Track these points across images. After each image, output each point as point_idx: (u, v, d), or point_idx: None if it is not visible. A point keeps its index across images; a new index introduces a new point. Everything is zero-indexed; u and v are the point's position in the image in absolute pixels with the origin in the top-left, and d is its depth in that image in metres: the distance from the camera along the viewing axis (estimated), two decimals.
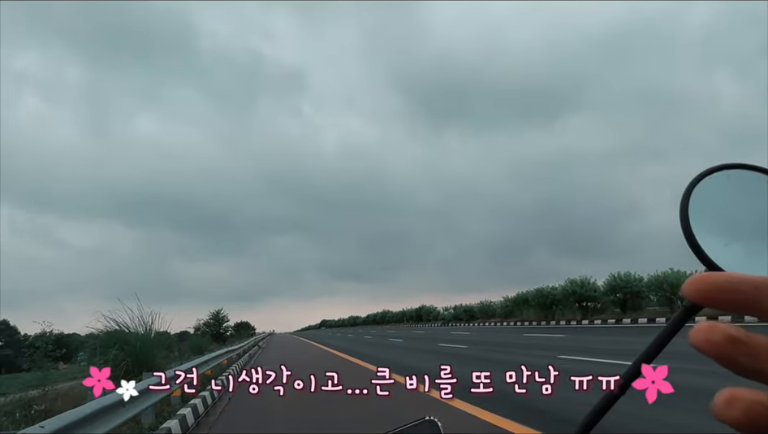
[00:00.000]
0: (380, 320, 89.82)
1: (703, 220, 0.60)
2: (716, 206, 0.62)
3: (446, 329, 40.70)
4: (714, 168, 0.65)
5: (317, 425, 6.76)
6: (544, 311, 33.74)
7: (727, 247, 0.58)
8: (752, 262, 0.58)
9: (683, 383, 7.04)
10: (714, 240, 0.59)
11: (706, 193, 0.62)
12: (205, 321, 47.69)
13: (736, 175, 0.64)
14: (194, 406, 7.92)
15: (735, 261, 0.58)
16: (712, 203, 0.62)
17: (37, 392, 9.13)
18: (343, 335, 50.70)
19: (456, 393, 7.58)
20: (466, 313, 51.29)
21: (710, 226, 0.60)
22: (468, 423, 5.94)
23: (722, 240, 0.59)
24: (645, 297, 27.95)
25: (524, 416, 5.96)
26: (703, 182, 0.63)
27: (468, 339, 23.05)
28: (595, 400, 0.62)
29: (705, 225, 0.60)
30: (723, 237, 0.59)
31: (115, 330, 12.81)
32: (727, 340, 0.32)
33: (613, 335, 17.95)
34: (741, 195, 0.63)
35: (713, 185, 0.63)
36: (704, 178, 0.64)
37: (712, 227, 0.60)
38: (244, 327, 67.35)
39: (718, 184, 0.63)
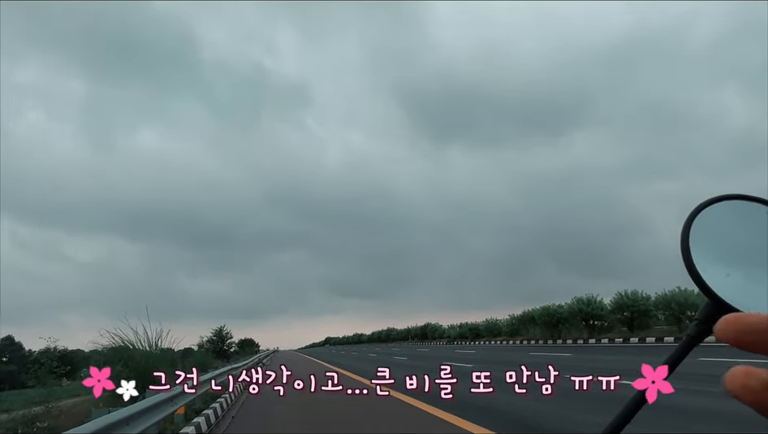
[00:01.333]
0: (385, 338, 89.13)
1: (704, 250, 0.60)
2: (717, 237, 0.63)
3: (452, 347, 40.33)
4: (715, 199, 0.65)
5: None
6: (550, 330, 33.41)
7: (728, 278, 0.59)
8: (753, 294, 0.58)
9: (691, 405, 6.94)
10: (715, 270, 0.59)
11: (707, 224, 0.63)
12: (209, 338, 47.53)
13: (737, 206, 0.65)
14: (197, 425, 7.86)
15: (736, 292, 0.58)
16: (713, 234, 0.62)
17: (41, 408, 9.10)
18: (347, 353, 50.35)
19: (470, 417, 7.42)
20: (471, 331, 50.83)
21: (711, 256, 0.60)
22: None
23: (723, 270, 0.59)
24: (653, 316, 27.62)
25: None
26: (704, 212, 0.64)
27: (473, 357, 22.83)
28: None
29: (707, 255, 0.60)
30: (725, 268, 0.59)
31: (120, 346, 12.80)
32: (766, 387, 0.31)
33: (620, 354, 17.74)
34: (742, 226, 0.63)
35: (713, 216, 0.64)
36: (704, 208, 0.64)
37: (713, 258, 0.60)
38: (248, 344, 66.97)
39: (719, 214, 0.64)
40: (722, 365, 6.44)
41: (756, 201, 0.65)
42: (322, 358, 40.71)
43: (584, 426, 6.22)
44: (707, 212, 0.65)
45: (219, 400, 11.15)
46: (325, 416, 9.34)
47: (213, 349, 44.13)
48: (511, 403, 8.33)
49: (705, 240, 0.62)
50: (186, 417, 8.52)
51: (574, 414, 7.11)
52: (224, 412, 10.40)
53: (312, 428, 8.02)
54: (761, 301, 0.59)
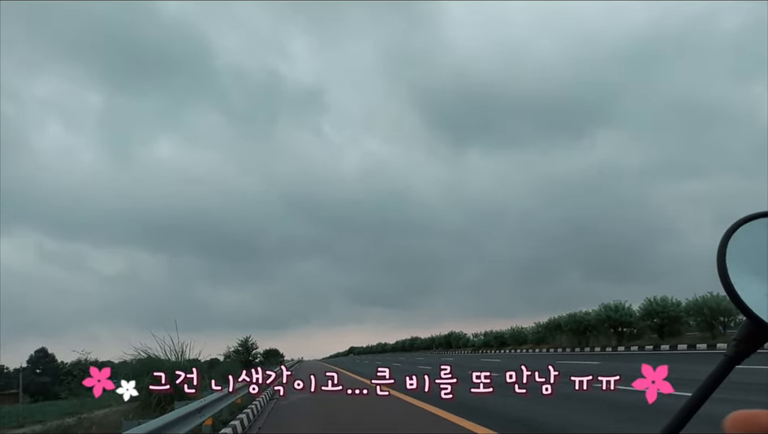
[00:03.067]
0: (408, 347, 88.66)
1: (742, 268, 0.59)
2: (755, 254, 0.61)
3: (477, 356, 39.88)
4: (754, 215, 0.64)
5: None
6: (577, 337, 32.77)
7: (767, 297, 0.58)
8: None
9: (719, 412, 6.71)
10: (753, 288, 0.58)
11: (744, 241, 0.62)
12: (235, 348, 48.00)
13: None
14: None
15: None
16: (751, 251, 0.61)
17: (73, 419, 9.32)
18: (371, 362, 50.24)
19: (499, 428, 7.32)
20: (496, 339, 50.20)
21: (749, 274, 0.59)
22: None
23: (762, 289, 0.58)
24: (684, 323, 26.89)
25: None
26: (741, 229, 0.63)
27: (499, 366, 22.53)
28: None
29: (744, 273, 0.59)
30: (763, 286, 0.58)
31: (147, 357, 13.03)
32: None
33: (651, 361, 17.30)
34: None
35: (751, 233, 0.63)
36: (741, 226, 0.63)
37: (751, 276, 0.59)
38: (273, 354, 67.36)
39: (757, 231, 0.63)
40: (751, 373, 6.24)
41: None
42: (346, 367, 40.71)
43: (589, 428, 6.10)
44: (744, 229, 0.64)
45: (246, 411, 11.23)
46: (339, 411, 9.34)
47: (239, 359, 44.54)
48: (515, 405, 8.20)
49: (743, 258, 0.61)
50: (214, 428, 8.60)
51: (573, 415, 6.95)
52: (251, 423, 10.47)
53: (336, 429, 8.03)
54: None
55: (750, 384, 9.38)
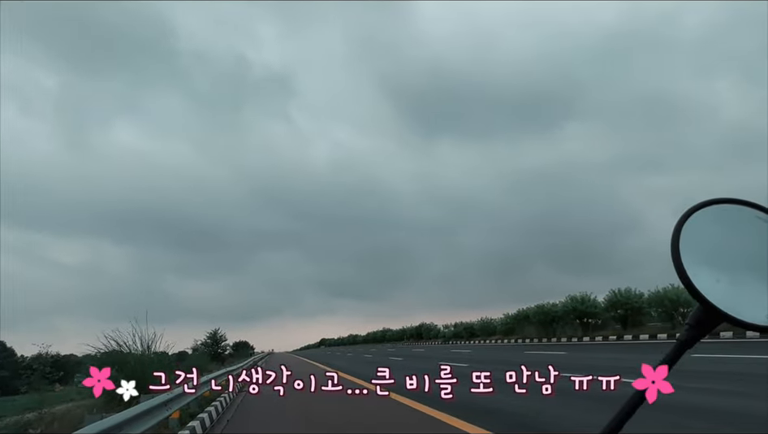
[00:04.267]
0: (380, 338, 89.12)
1: (695, 255, 0.61)
2: (707, 241, 0.63)
3: (447, 347, 40.37)
4: (705, 203, 0.66)
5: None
6: (545, 328, 33.53)
7: (718, 282, 0.60)
8: (743, 299, 0.59)
9: (682, 401, 6.99)
10: (705, 274, 0.60)
11: (698, 228, 0.64)
12: (203, 341, 47.36)
13: (726, 210, 0.66)
14: (192, 428, 7.82)
15: (727, 296, 0.59)
16: (703, 238, 0.63)
17: (34, 415, 9.03)
18: (343, 354, 50.29)
19: (468, 418, 7.45)
20: (466, 330, 50.93)
21: (702, 260, 0.61)
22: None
23: (713, 275, 0.60)
24: (646, 313, 27.81)
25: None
26: (694, 217, 0.65)
27: (468, 357, 22.87)
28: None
29: (697, 260, 0.61)
30: (715, 272, 0.60)
31: (113, 350, 12.73)
32: None
33: (614, 352, 17.84)
34: (732, 230, 0.64)
35: (704, 220, 0.65)
36: (694, 213, 0.65)
37: (704, 262, 0.61)
38: (243, 346, 66.79)
39: (709, 218, 0.65)
40: (712, 361, 6.53)
41: (746, 204, 0.66)
42: (317, 359, 40.64)
43: (587, 426, 6.27)
44: (697, 216, 0.65)
45: (215, 403, 11.09)
46: (308, 403, 9.33)
47: (208, 352, 43.96)
48: (512, 404, 8.37)
49: (696, 245, 0.62)
50: (181, 421, 8.47)
51: (576, 413, 7.13)
52: (219, 415, 10.36)
53: (304, 422, 8.01)
54: (751, 306, 0.59)
55: (719, 373, 9.79)
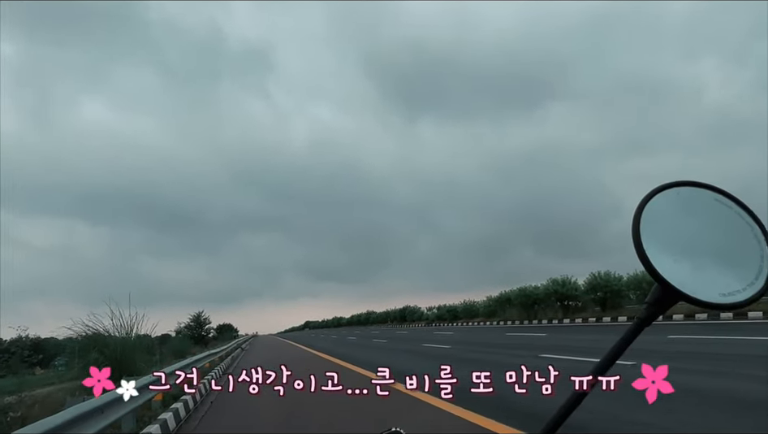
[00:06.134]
0: (364, 321, 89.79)
1: (654, 236, 0.64)
2: (667, 223, 0.66)
3: (430, 329, 40.86)
4: (665, 185, 0.68)
5: (294, 426, 6.74)
6: (526, 310, 34.09)
7: (676, 263, 0.62)
8: (700, 279, 0.62)
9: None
10: (664, 255, 0.63)
11: (658, 210, 0.66)
12: (186, 323, 47.26)
13: (686, 193, 0.68)
14: (175, 410, 7.83)
15: (684, 277, 0.62)
16: (663, 219, 0.66)
17: (13, 398, 8.94)
18: (327, 336, 50.58)
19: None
20: (449, 313, 51.54)
21: (661, 241, 0.64)
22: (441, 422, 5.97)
23: (672, 255, 0.63)
24: (625, 296, 28.42)
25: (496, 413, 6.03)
26: (655, 199, 0.67)
27: (451, 339, 23.19)
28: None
29: (657, 241, 0.63)
30: (673, 253, 0.63)
31: (94, 333, 12.61)
32: None
33: (592, 333, 18.25)
34: (691, 212, 0.67)
35: (664, 202, 0.67)
36: (655, 195, 0.67)
37: (663, 243, 0.64)
38: (227, 329, 66.77)
39: (669, 201, 0.67)
40: (687, 342, 6.67)
41: (704, 187, 0.69)
42: (301, 342, 40.83)
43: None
44: (658, 198, 0.68)
45: (198, 385, 11.12)
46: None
47: (191, 335, 43.89)
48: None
49: (656, 226, 0.65)
50: (164, 403, 8.48)
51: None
52: (203, 397, 10.39)
53: (287, 403, 8.08)
54: (706, 285, 0.62)
55: (695, 353, 10.09)
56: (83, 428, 4.27)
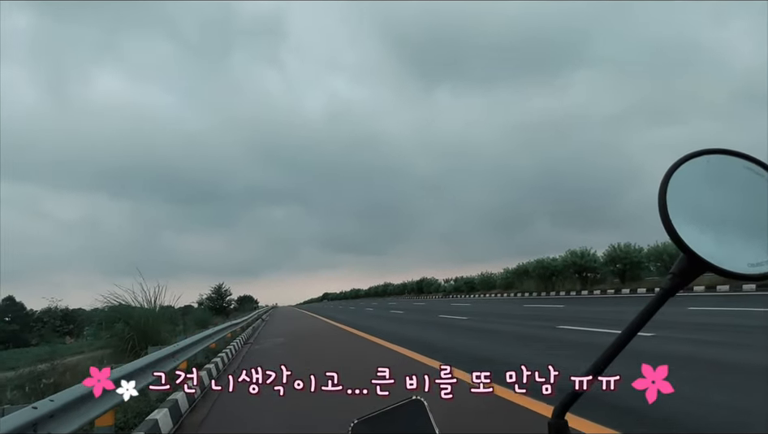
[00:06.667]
0: (381, 293, 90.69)
1: (681, 205, 0.62)
2: (695, 192, 0.64)
3: (447, 301, 41.13)
4: (695, 153, 0.66)
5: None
6: (544, 282, 34.01)
7: (703, 234, 0.60)
8: (727, 249, 0.60)
9: (670, 350, 7.17)
10: (691, 225, 0.61)
11: (686, 178, 0.64)
12: (208, 295, 48.29)
13: (716, 161, 0.66)
14: (200, 379, 8.08)
15: (711, 247, 0.60)
16: (691, 188, 0.64)
17: (46, 366, 9.32)
18: (345, 307, 51.28)
19: (453, 363, 7.69)
20: (467, 285, 51.71)
21: (688, 211, 0.62)
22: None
23: (699, 225, 0.61)
24: (645, 268, 28.13)
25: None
26: (683, 167, 0.65)
27: (468, 310, 23.33)
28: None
29: (684, 210, 0.62)
30: (700, 222, 0.61)
31: (120, 304, 12.97)
32: None
33: (610, 305, 18.17)
34: (720, 181, 0.64)
35: (692, 170, 0.65)
36: (684, 163, 0.65)
37: (690, 213, 0.62)
38: (247, 300, 68.16)
39: (698, 169, 0.65)
40: (708, 314, 6.56)
41: (736, 155, 0.66)
42: (320, 313, 41.48)
43: None
44: (687, 166, 0.66)
45: (221, 354, 11.43)
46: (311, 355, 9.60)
47: (212, 306, 44.90)
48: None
49: (683, 195, 0.63)
50: (189, 371, 8.74)
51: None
52: (225, 366, 10.69)
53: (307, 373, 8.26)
54: (733, 255, 0.61)
55: (715, 324, 10.00)
56: (113, 395, 4.43)
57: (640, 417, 4.20)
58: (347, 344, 13.74)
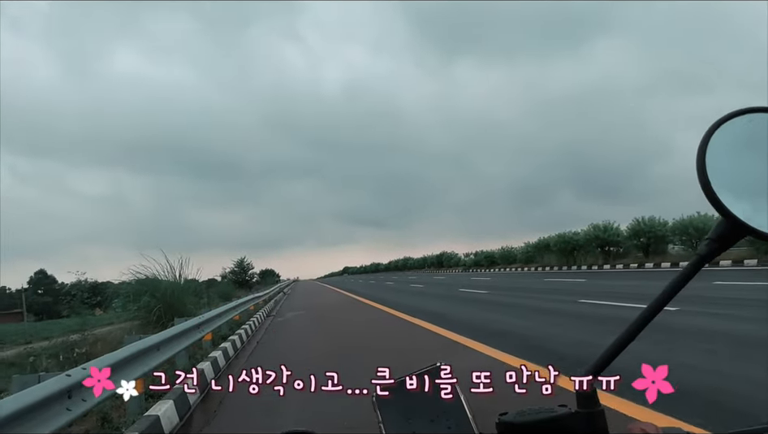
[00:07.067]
0: (401, 267, 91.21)
1: (722, 167, 0.58)
2: (736, 153, 0.60)
3: (467, 275, 41.18)
4: (737, 112, 0.62)
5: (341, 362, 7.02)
6: (565, 256, 33.73)
7: (745, 195, 0.57)
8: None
9: (699, 325, 7.08)
10: (731, 188, 0.58)
11: (727, 139, 0.60)
12: (231, 269, 49.22)
13: (760, 120, 0.61)
14: (224, 349, 8.29)
15: (753, 211, 0.57)
16: (732, 149, 0.60)
17: (78, 336, 9.67)
18: (365, 281, 51.77)
19: (473, 336, 7.65)
20: (487, 259, 51.61)
21: (729, 173, 0.58)
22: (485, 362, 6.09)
23: (740, 188, 0.57)
24: (670, 242, 27.64)
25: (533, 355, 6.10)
26: (724, 127, 0.61)
27: (488, 284, 23.33)
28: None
29: (723, 172, 0.58)
30: (741, 185, 0.58)
31: (146, 277, 13.31)
32: None
33: (633, 279, 17.96)
34: (762, 141, 0.60)
35: (734, 131, 0.61)
36: (725, 122, 0.61)
37: (731, 174, 0.58)
38: (269, 274, 69.24)
39: (739, 129, 0.61)
40: (737, 288, 6.40)
41: None
42: (341, 287, 41.98)
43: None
44: (727, 127, 0.62)
45: (244, 326, 11.69)
46: (331, 327, 9.81)
47: (235, 279, 45.79)
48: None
49: (723, 157, 0.60)
50: (214, 343, 8.97)
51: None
52: (249, 337, 10.93)
53: (327, 344, 8.43)
54: None
55: (743, 300, 9.82)
56: (143, 363, 4.58)
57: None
58: (367, 317, 13.91)
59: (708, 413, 3.62)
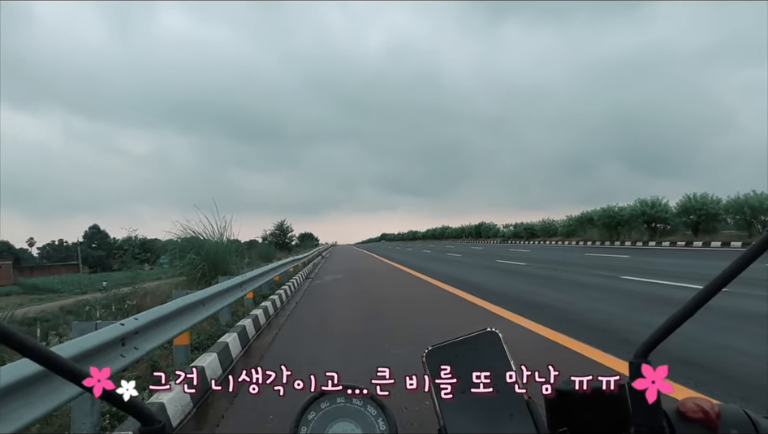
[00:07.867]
0: (439, 235, 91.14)
1: None
2: None
3: (505, 246, 40.76)
4: None
5: (374, 328, 7.16)
6: (609, 231, 32.83)
7: None
8: None
9: (750, 308, 6.80)
10: None
11: None
12: (271, 231, 50.40)
13: None
14: (265, 308, 8.58)
15: None
16: None
17: (129, 289, 10.21)
18: (402, 249, 52.06)
19: (509, 307, 7.62)
20: (526, 231, 50.89)
21: None
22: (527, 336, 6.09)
23: None
24: (722, 220, 26.43)
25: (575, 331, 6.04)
26: None
27: (527, 256, 23.04)
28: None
29: None
30: None
31: (191, 236, 13.83)
32: None
33: (681, 258, 17.33)
34: None
35: None
36: None
37: None
38: (308, 237, 70.54)
39: None
40: None
41: None
42: (378, 253, 42.40)
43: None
44: None
45: (283, 287, 12.03)
46: (368, 291, 9.99)
47: (275, 241, 46.91)
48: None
49: None
50: (255, 301, 9.29)
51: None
52: (288, 297, 11.26)
53: (364, 306, 8.59)
54: None
55: None
56: (189, 317, 4.80)
57: (704, 370, 4.07)
58: (404, 283, 14.05)
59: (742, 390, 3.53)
